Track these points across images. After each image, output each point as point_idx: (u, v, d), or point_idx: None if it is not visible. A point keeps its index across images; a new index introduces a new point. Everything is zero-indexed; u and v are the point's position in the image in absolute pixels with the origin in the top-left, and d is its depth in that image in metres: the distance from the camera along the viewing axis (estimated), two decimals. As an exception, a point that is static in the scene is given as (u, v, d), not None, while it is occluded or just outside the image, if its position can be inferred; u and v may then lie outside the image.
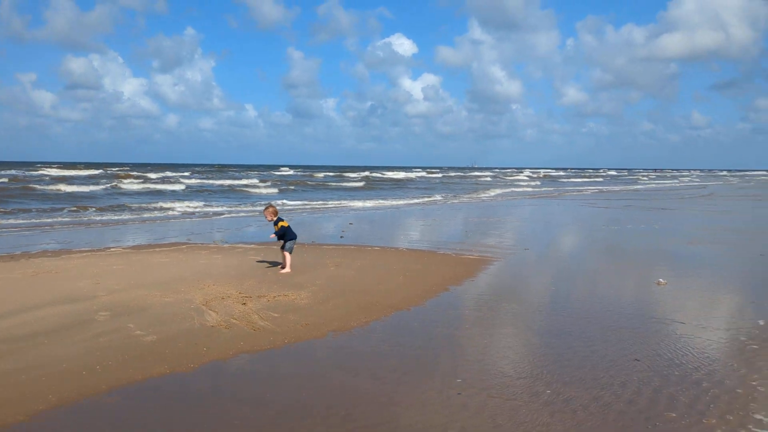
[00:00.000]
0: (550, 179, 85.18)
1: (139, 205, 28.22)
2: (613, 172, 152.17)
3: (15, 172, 62.20)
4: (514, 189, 55.77)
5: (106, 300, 8.12)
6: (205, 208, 27.39)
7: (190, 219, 21.88)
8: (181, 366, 5.72)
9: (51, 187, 39.20)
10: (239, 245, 14.14)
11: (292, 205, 30.33)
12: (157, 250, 13.13)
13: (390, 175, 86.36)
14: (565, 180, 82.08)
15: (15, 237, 16.09)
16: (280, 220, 11.00)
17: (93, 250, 13.02)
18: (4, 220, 20.40)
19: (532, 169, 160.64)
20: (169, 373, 5.55)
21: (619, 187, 60.64)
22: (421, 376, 5.52)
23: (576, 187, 59.32)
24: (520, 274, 11.05)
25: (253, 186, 49.79)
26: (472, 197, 40.53)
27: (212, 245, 14.14)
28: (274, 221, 10.93)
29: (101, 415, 4.62)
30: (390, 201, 35.06)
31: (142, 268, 10.62)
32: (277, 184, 52.23)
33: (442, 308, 8.20)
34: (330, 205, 30.42)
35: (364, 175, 79.44)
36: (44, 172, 63.05)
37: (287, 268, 10.56)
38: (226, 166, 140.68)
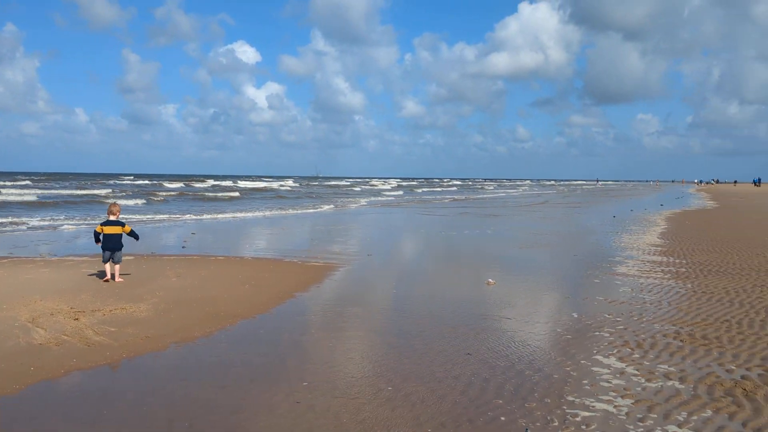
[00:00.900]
0: (408, 189, 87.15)
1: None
2: (457, 182, 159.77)
3: None
4: (379, 198, 56.38)
5: None
6: (65, 223, 23.66)
7: (15, 232, 19.93)
8: (4, 389, 5.28)
9: None
10: (70, 258, 13.18)
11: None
12: (-28, 265, 11.87)
13: (255, 185, 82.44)
14: (420, 190, 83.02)
15: None
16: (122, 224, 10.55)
17: None
18: None
19: (379, 179, 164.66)
20: (-10, 396, 5.11)
21: (466, 196, 64.07)
22: (268, 383, 5.57)
23: (435, 196, 61.44)
24: (364, 278, 11.41)
25: (109, 197, 43.45)
26: (347, 207, 40.83)
27: (39, 258, 13.05)
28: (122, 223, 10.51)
29: None
30: (276, 211, 33.26)
31: (-47, 286, 9.57)
32: (139, 195, 46.74)
33: (288, 315, 8.27)
34: (227, 216, 29.11)
35: (232, 185, 76.05)
36: None
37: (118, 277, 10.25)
38: (57, 175, 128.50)
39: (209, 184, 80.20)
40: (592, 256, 14.23)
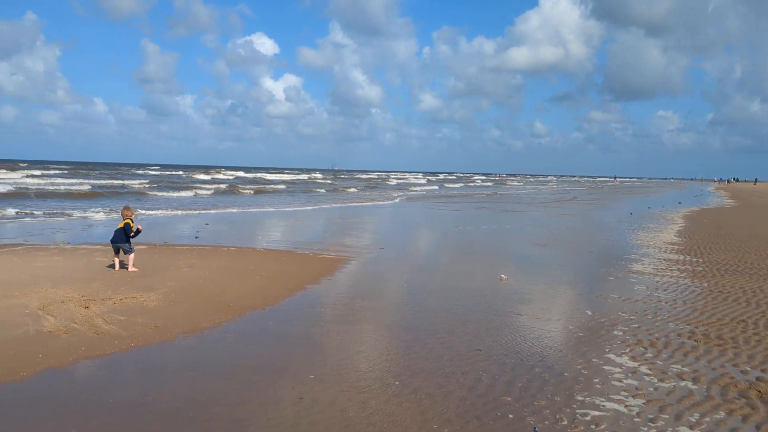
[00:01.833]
0: (438, 182, 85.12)
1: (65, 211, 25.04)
2: (481, 177, 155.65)
3: None
4: (411, 192, 55.08)
5: None
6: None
7: (31, 219, 20.11)
8: (12, 375, 5.29)
9: None
10: (84, 246, 13.26)
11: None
12: (-13, 252, 11.97)
13: (292, 177, 79.45)
14: (456, 185, 79.94)
15: None
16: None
17: None
18: None
19: (399, 173, 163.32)
20: (-3, 383, 5.12)
21: (495, 191, 63.58)
22: (274, 375, 5.53)
23: (473, 191, 60.49)
24: (376, 272, 11.34)
25: (147, 188, 41.75)
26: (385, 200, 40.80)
27: (52, 246, 13.13)
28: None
29: None
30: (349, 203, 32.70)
31: (-33, 272, 9.65)
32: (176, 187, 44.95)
33: (298, 307, 8.23)
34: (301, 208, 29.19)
35: (278, 178, 74.14)
36: None
37: (133, 267, 10.32)
38: (83, 164, 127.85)
39: (251, 176, 77.68)
40: (607, 254, 14.05)
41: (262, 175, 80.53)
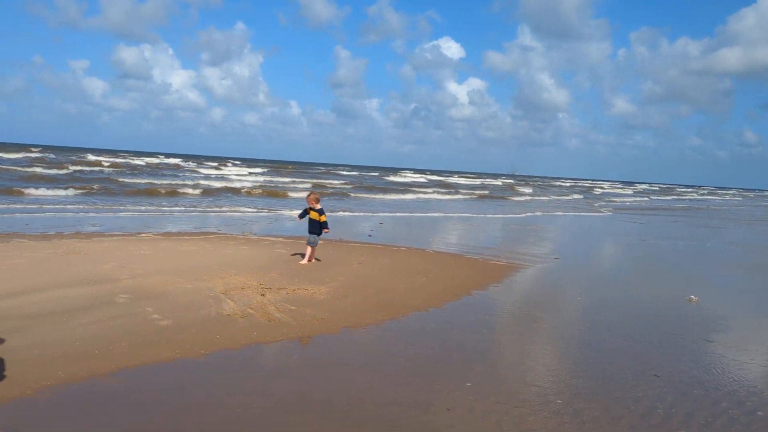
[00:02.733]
0: (643, 193, 79.38)
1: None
2: (686, 189, 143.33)
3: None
4: (613, 203, 52.90)
5: (128, 283, 8.21)
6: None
7: (229, 212, 22.10)
8: (191, 352, 5.72)
9: (145, 180, 35.54)
10: (268, 238, 14.21)
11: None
12: (186, 238, 13.28)
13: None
14: (657, 197, 74.88)
15: (59, 218, 16.40)
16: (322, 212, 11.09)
17: (125, 235, 13.24)
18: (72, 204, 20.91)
19: (573, 180, 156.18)
20: (179, 358, 5.55)
21: (716, 206, 59.02)
22: (430, 378, 5.41)
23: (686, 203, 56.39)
24: (547, 282, 10.82)
25: (350, 189, 42.72)
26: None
27: (241, 236, 14.25)
28: (319, 210, 11.02)
29: (103, 394, 4.64)
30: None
31: (168, 255, 10.74)
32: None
33: (461, 312, 8.06)
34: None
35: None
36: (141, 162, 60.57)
37: (306, 260, 10.75)
38: (276, 163, 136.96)
39: (439, 179, 77.47)
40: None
41: (454, 180, 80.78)
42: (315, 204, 11.14)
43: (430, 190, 49.28)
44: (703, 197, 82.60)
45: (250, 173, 57.08)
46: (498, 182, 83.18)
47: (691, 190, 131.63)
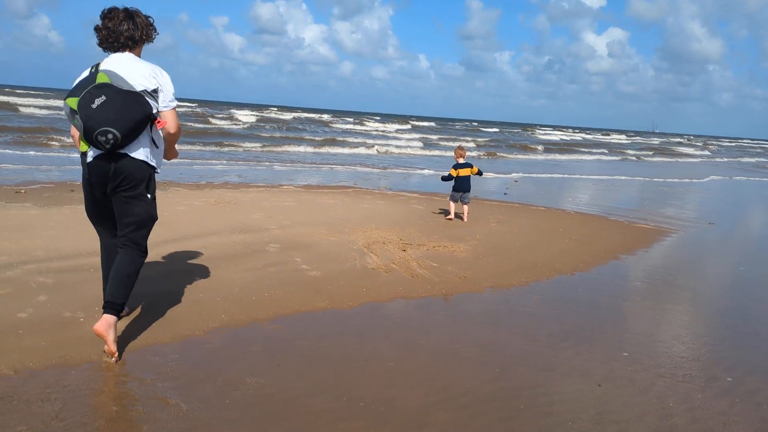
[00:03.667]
0: None
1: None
2: None
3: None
4: None
5: (276, 233, 8.57)
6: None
7: (362, 168, 22.50)
8: (340, 303, 5.87)
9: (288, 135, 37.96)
10: (402, 193, 14.31)
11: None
12: (325, 191, 13.67)
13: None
14: None
15: (207, 169, 17.45)
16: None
17: (268, 186, 13.85)
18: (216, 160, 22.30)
19: (730, 139, 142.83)
20: (330, 308, 5.72)
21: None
22: (583, 345, 5.20)
23: None
24: (702, 249, 10.07)
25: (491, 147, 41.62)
26: None
27: (376, 191, 14.45)
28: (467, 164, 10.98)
29: (264, 339, 4.87)
30: None
31: (310, 207, 11.10)
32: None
33: (610, 277, 7.69)
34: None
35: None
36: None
37: (452, 216, 10.92)
38: (403, 117, 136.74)
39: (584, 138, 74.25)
40: None
41: (593, 137, 76.68)
42: (462, 159, 11.05)
43: (573, 150, 47.48)
44: None
45: (398, 129, 57.17)
46: (639, 140, 78.45)
47: None
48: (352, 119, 72.62)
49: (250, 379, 4.11)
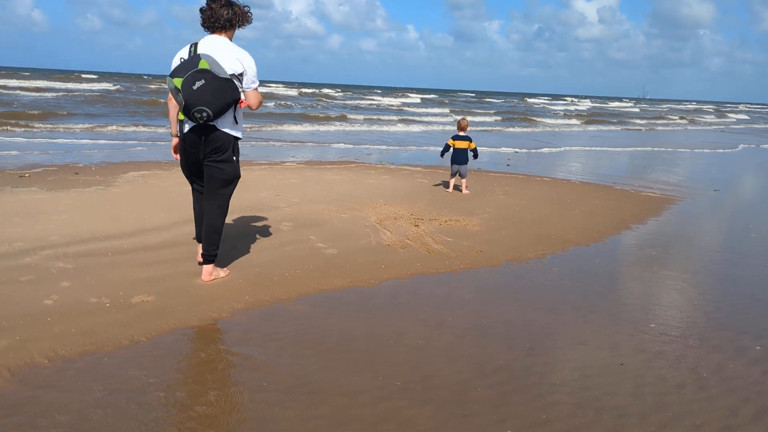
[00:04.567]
0: None
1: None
2: None
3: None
4: None
5: (287, 211, 8.51)
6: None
7: (356, 136, 22.35)
8: (361, 281, 5.84)
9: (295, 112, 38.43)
10: (406, 167, 14.22)
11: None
12: (328, 167, 13.56)
13: None
14: None
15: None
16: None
17: (271, 163, 13.72)
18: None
19: (716, 104, 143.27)
20: (351, 286, 5.69)
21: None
22: (607, 317, 5.20)
23: None
24: (712, 216, 10.08)
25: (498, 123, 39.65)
26: None
27: (379, 165, 14.35)
28: (466, 137, 10.90)
29: (290, 319, 4.84)
30: None
31: (315, 184, 11.01)
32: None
33: (624, 246, 7.69)
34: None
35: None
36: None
37: (451, 189, 10.98)
38: (395, 90, 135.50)
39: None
40: None
41: (585, 105, 76.36)
42: (462, 132, 10.94)
43: (568, 119, 47.27)
44: None
45: (403, 103, 56.57)
46: (635, 108, 78.32)
47: None
48: (360, 94, 71.80)
49: (285, 361, 4.09)
